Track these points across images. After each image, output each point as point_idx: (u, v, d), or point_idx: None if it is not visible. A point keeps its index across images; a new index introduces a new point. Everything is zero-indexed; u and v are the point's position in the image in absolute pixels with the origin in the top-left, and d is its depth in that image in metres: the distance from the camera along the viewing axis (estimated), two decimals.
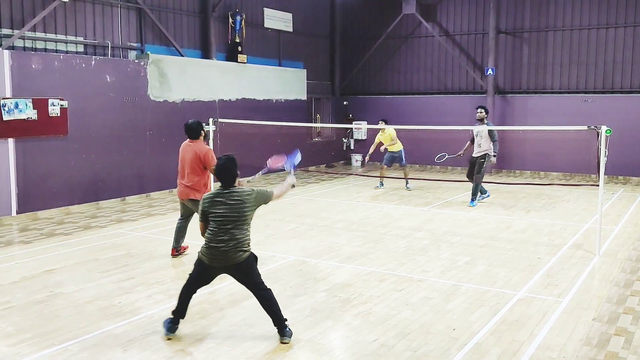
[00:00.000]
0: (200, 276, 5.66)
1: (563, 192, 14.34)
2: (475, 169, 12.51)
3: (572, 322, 6.02)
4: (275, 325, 5.55)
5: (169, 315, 5.79)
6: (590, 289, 7.14)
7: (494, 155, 12.38)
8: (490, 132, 12.24)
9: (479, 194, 12.83)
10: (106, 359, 5.18)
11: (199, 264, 5.63)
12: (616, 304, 6.59)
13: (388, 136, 14.81)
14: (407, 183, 15.06)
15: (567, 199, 13.60)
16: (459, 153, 13.15)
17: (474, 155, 12.60)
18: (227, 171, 5.66)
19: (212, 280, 5.75)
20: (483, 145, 12.37)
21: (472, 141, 12.78)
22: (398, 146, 14.84)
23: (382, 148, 14.90)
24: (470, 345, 5.45)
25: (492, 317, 6.16)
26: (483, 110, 12.51)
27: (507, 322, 6.04)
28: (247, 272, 5.54)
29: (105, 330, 5.81)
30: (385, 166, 15.07)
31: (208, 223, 5.56)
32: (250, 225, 5.63)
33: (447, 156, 13.29)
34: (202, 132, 8.39)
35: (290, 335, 5.54)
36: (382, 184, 15.23)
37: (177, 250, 8.58)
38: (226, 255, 5.41)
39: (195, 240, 8.39)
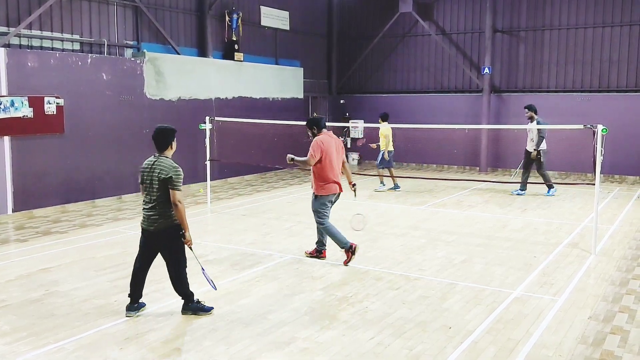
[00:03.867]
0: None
1: (559, 190, 14.36)
2: (535, 164, 13.51)
3: (568, 321, 6.04)
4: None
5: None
6: (586, 287, 7.16)
7: (535, 150, 13.32)
8: (539, 128, 13.05)
9: (521, 187, 13.87)
10: (102, 358, 5.18)
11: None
12: (612, 302, 6.61)
13: (382, 135, 14.33)
14: (382, 183, 14.76)
15: (563, 197, 13.62)
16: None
17: (527, 148, 13.67)
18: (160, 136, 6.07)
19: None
20: (535, 140, 13.36)
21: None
22: (389, 146, 14.31)
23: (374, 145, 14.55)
24: (466, 344, 5.46)
25: (488, 316, 6.17)
26: (527, 110, 13.53)
27: (503, 320, 6.06)
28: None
29: (102, 329, 5.81)
30: (391, 167, 14.69)
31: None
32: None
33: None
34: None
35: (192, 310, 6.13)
36: (397, 186, 14.72)
37: None
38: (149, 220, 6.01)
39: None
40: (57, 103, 11.87)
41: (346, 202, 12.97)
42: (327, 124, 8.54)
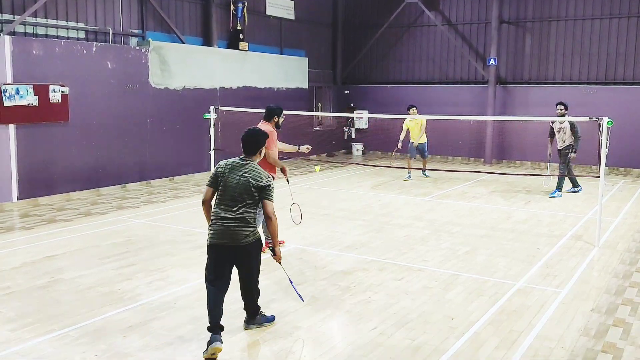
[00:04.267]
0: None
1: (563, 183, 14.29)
2: (560, 160, 12.51)
3: (570, 313, 6.05)
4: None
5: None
6: (589, 280, 7.16)
7: (574, 152, 12.16)
8: (573, 128, 12.12)
9: (568, 186, 13.08)
10: (106, 345, 5.21)
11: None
12: (615, 295, 6.61)
13: (419, 125, 14.63)
14: (424, 171, 15.21)
15: (568, 189, 13.57)
16: (549, 153, 12.80)
17: (558, 147, 12.49)
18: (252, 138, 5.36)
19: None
20: (567, 141, 12.30)
21: (551, 135, 12.66)
22: (424, 137, 14.78)
23: (401, 139, 14.63)
24: (468, 335, 5.48)
25: (491, 307, 6.18)
26: (563, 107, 12.19)
27: (506, 312, 6.07)
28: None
29: (106, 316, 5.84)
30: (413, 158, 14.96)
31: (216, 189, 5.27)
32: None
33: (549, 162, 13.07)
34: (276, 117, 8.43)
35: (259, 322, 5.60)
36: (410, 175, 14.97)
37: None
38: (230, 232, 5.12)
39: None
40: (62, 91, 11.88)
41: (350, 193, 13.02)
42: (330, 114, 8.60)
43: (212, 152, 12.11)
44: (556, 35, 17.97)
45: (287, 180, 8.11)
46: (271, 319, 5.68)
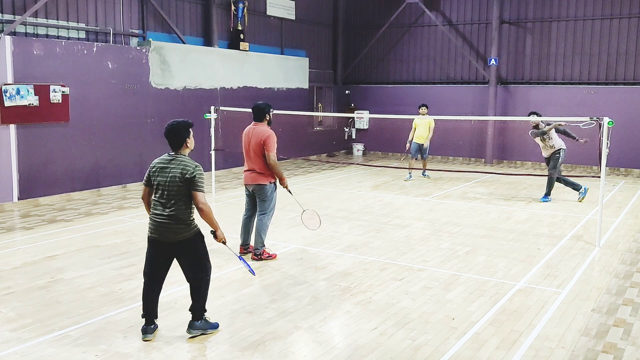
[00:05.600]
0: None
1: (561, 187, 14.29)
2: (550, 165, 12.08)
3: (571, 313, 6.04)
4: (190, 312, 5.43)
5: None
6: (589, 280, 7.16)
7: (576, 139, 11.78)
8: (546, 131, 11.61)
9: (565, 189, 12.95)
10: (106, 345, 5.21)
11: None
12: (615, 295, 6.61)
13: (428, 125, 14.65)
14: (424, 172, 15.30)
15: (568, 190, 13.55)
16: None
17: (546, 156, 12.15)
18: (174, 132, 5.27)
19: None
20: (556, 145, 11.87)
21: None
22: (427, 138, 14.81)
23: (410, 140, 14.76)
24: (469, 335, 5.47)
25: (492, 307, 6.17)
26: (534, 115, 11.80)
27: (507, 312, 6.06)
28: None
29: (106, 317, 5.84)
30: (414, 158, 14.96)
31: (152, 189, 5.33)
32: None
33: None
34: (268, 115, 7.72)
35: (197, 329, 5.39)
36: (410, 176, 15.00)
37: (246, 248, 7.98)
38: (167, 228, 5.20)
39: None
40: (62, 91, 11.88)
41: (350, 194, 13.01)
42: (330, 114, 8.53)
43: (212, 152, 12.12)
44: (557, 35, 17.96)
45: (289, 191, 7.90)
46: (215, 326, 5.50)
